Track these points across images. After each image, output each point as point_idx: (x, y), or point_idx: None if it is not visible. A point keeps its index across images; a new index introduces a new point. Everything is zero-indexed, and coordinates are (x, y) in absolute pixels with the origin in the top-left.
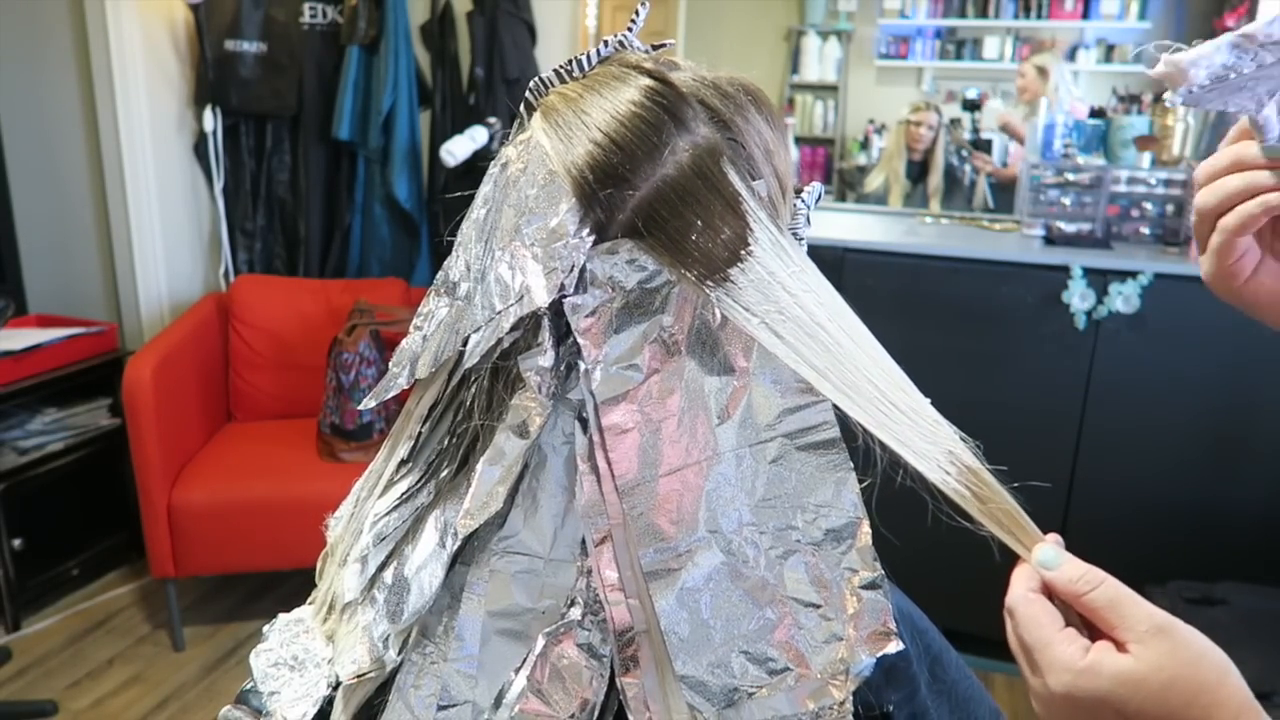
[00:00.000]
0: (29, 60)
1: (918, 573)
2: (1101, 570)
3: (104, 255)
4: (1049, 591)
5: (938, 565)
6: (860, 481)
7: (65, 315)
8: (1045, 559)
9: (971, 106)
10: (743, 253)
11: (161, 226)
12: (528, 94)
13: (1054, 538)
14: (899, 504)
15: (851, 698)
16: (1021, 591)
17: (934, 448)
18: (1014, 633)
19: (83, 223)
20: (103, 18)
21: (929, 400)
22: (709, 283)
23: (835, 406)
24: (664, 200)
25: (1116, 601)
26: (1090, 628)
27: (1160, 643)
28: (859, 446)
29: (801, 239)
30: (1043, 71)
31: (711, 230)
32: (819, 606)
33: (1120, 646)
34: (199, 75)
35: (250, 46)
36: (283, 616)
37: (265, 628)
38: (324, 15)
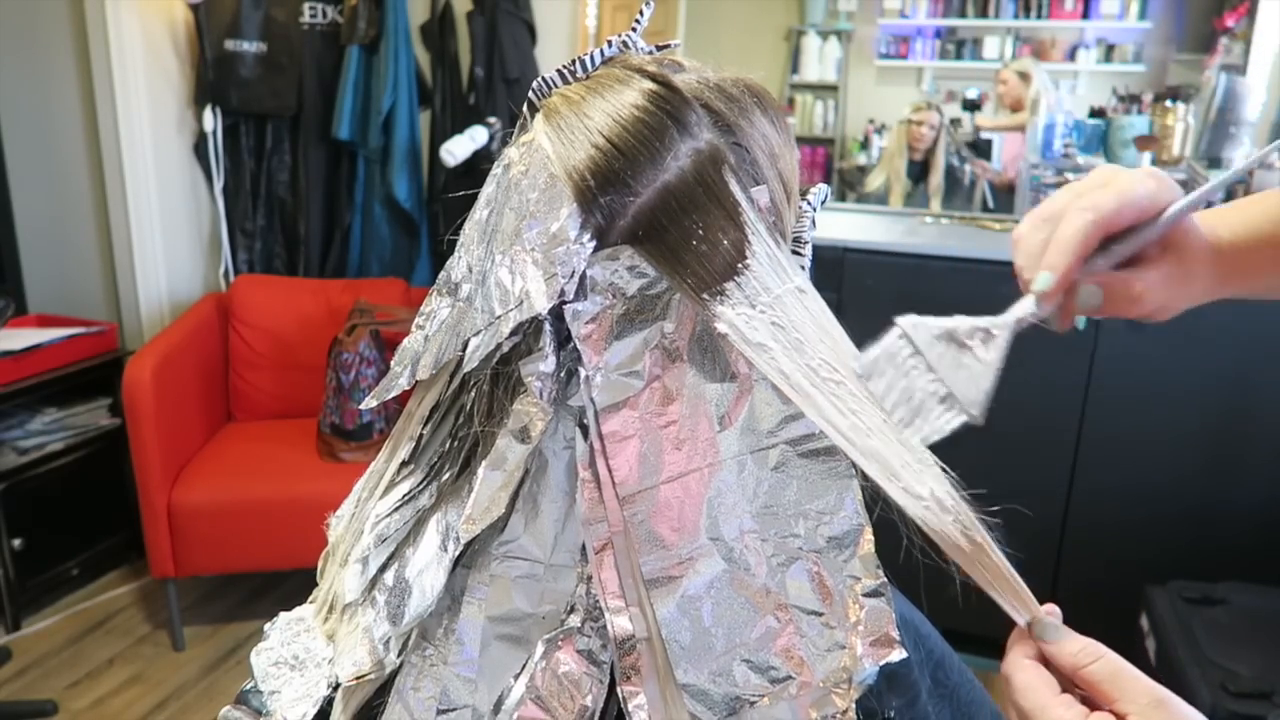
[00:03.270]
0: (29, 60)
1: (918, 572)
2: (1099, 644)
3: (104, 255)
4: (1046, 662)
5: (939, 565)
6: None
7: (65, 315)
8: (1044, 632)
9: (971, 106)
10: (739, 266)
11: (161, 226)
12: (531, 94)
13: (1051, 608)
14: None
15: (854, 705)
16: (1016, 657)
17: (923, 490)
18: (1011, 699)
19: (83, 223)
20: (103, 18)
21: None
22: (705, 295)
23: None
24: (665, 207)
25: (1117, 674)
26: (1088, 702)
27: (1160, 716)
28: None
29: (807, 241)
30: (1024, 76)
31: (710, 241)
32: (821, 614)
33: (1121, 719)
34: (199, 75)
35: (250, 46)
36: (284, 615)
37: (266, 626)
38: (324, 15)
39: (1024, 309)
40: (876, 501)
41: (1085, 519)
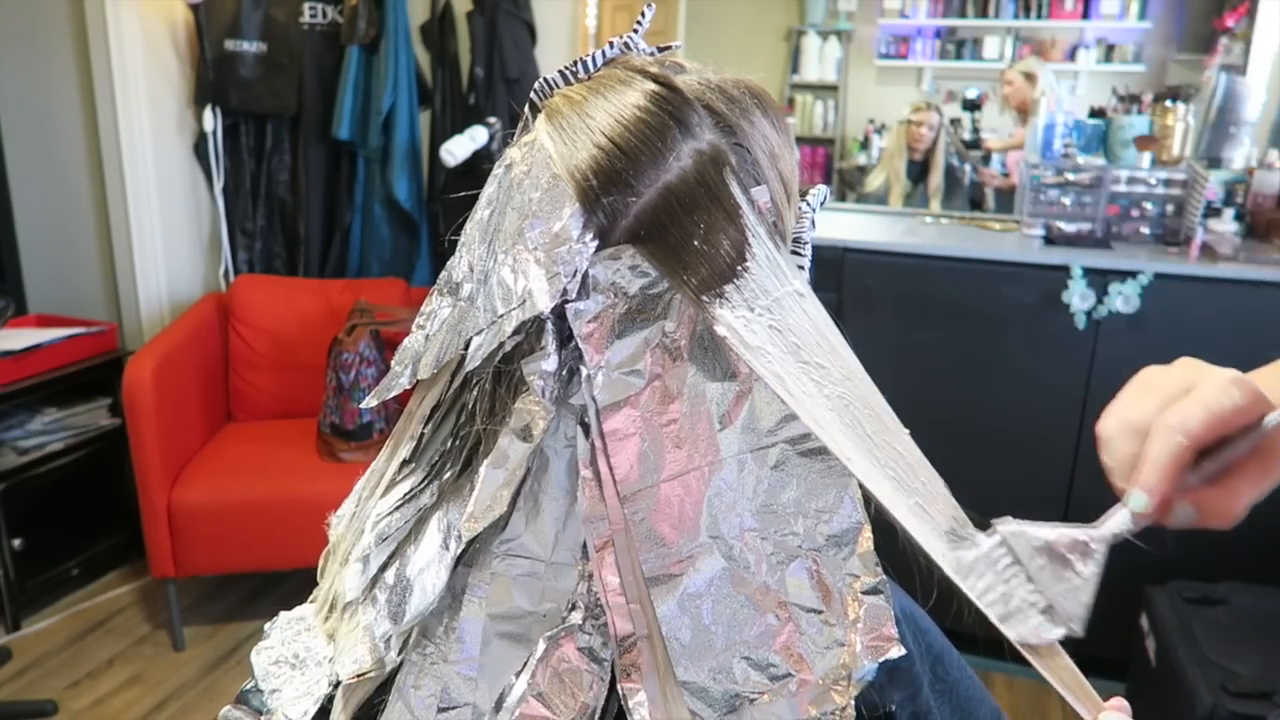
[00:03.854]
0: (29, 60)
1: (917, 572)
2: None
3: (104, 255)
4: None
5: (936, 565)
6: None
7: (65, 315)
8: None
9: (971, 106)
10: (739, 268)
11: (161, 226)
12: (532, 95)
13: (1119, 703)
14: None
15: (854, 702)
16: None
17: (940, 520)
18: None
19: (83, 223)
20: (103, 18)
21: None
22: (704, 297)
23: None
24: (666, 207)
25: None
26: None
27: None
28: None
29: (806, 242)
30: (1030, 77)
31: (711, 242)
32: (821, 612)
33: None
34: (199, 75)
35: (250, 46)
36: (284, 615)
37: (267, 626)
38: (324, 15)
39: (1120, 525)
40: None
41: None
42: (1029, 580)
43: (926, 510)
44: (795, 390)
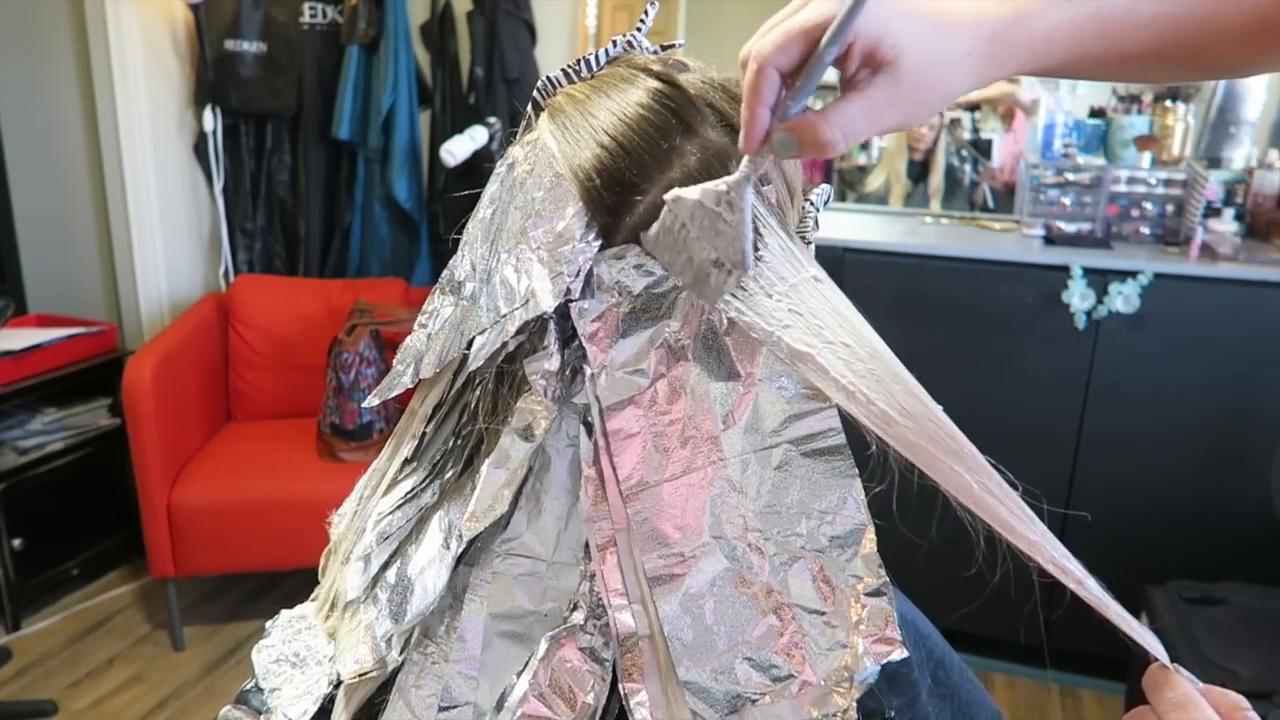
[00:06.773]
0: (29, 60)
1: (916, 573)
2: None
3: (104, 255)
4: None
5: (937, 565)
6: (867, 488)
7: (65, 315)
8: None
9: (971, 106)
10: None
11: (161, 226)
12: (535, 93)
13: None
14: (897, 504)
15: (854, 704)
16: (1189, 688)
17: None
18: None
19: (83, 223)
20: (103, 18)
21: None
22: None
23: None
24: None
25: None
26: None
27: None
28: (873, 454)
29: (810, 242)
30: (1014, 79)
31: None
32: (823, 613)
33: None
34: (199, 75)
35: (250, 46)
36: (285, 613)
37: (268, 624)
38: (324, 15)
39: (744, 170)
40: (910, 471)
41: (1086, 519)
42: (698, 238)
43: (990, 489)
44: (828, 360)
